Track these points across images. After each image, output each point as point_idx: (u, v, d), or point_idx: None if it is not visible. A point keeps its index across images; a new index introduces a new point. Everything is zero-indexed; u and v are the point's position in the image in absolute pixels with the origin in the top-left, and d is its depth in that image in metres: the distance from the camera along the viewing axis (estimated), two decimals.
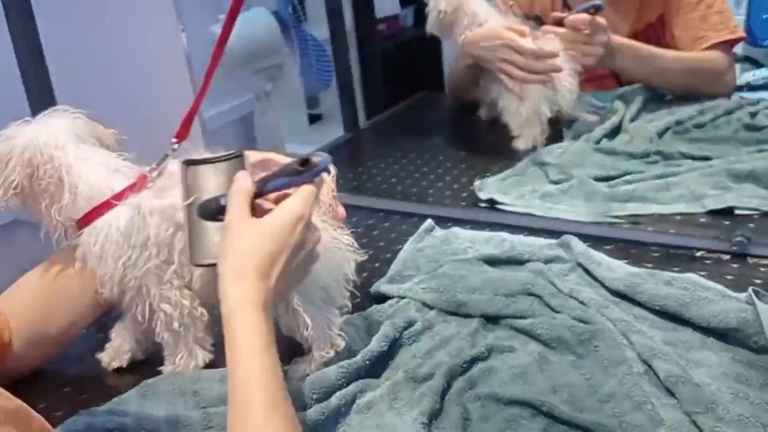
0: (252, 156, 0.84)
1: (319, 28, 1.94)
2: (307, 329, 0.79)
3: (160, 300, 0.80)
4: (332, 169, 0.76)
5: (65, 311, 0.86)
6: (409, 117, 1.71)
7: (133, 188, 0.80)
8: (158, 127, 0.84)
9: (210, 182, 0.72)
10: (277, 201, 0.70)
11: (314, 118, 2.44)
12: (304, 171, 0.68)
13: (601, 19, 1.28)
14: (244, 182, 0.69)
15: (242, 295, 0.65)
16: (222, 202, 0.70)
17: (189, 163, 0.73)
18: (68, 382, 0.85)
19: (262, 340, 0.64)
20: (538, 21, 1.36)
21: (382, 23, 2.46)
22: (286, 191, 0.70)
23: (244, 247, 0.67)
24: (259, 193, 0.70)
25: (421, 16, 2.31)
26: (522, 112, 1.33)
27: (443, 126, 1.66)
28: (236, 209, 0.68)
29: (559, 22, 1.31)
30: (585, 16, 1.28)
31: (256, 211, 0.69)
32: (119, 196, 0.79)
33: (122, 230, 0.78)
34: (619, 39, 1.33)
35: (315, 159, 0.69)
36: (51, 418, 0.78)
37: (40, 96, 1.06)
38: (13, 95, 1.09)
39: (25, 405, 0.51)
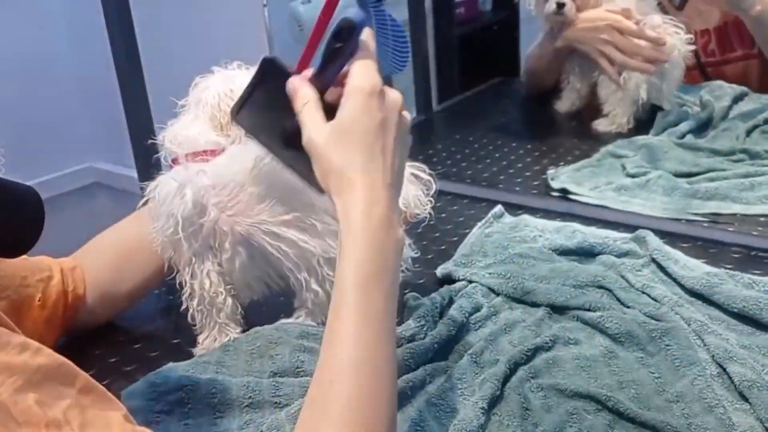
0: None
1: (395, 9, 1.93)
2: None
3: (190, 274, 0.80)
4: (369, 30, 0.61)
5: (138, 268, 0.88)
6: (483, 102, 1.69)
7: (192, 156, 0.79)
8: None
9: (267, 113, 0.64)
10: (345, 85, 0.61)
11: None
12: (343, 45, 0.59)
13: None
14: (304, 91, 0.61)
15: (353, 210, 0.58)
16: (296, 124, 0.61)
17: (236, 113, 0.65)
18: (139, 339, 0.88)
19: (366, 269, 0.57)
20: None
21: (460, 7, 2.43)
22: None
23: (335, 158, 0.59)
24: (323, 92, 0.61)
25: (499, 1, 2.27)
26: (620, 93, 1.30)
27: (518, 113, 1.64)
28: (309, 124, 0.60)
29: None
30: None
31: (333, 111, 0.60)
32: (176, 160, 0.79)
33: (160, 198, 0.78)
34: None
35: (346, 24, 0.59)
36: (122, 371, 0.82)
37: (128, 61, 1.09)
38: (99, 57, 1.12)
39: (69, 362, 0.47)
